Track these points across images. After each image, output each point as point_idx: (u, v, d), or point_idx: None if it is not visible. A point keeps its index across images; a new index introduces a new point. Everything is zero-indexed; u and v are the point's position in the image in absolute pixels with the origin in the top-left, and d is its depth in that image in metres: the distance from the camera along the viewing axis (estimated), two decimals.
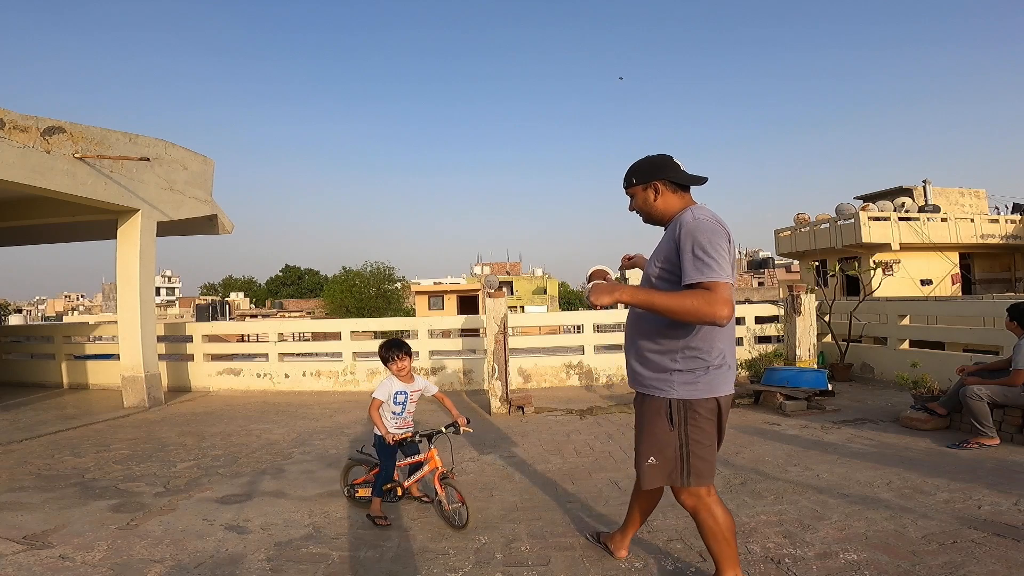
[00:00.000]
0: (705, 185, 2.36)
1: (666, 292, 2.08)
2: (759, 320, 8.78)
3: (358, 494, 3.54)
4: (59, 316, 62.44)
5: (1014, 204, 20.16)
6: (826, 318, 8.42)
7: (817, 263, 18.73)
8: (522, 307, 44.57)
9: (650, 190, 2.31)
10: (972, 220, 18.31)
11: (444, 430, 3.41)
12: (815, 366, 7.24)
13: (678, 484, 2.24)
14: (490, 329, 6.75)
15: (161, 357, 8.79)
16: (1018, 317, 4.59)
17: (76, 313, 67.87)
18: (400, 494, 3.44)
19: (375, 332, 12.32)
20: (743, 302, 9.74)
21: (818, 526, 3.04)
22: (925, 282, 17.59)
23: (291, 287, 76.90)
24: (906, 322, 7.83)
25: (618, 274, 2.56)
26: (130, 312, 7.85)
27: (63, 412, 7.57)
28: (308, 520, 3.46)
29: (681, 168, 2.30)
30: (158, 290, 67.94)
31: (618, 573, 2.65)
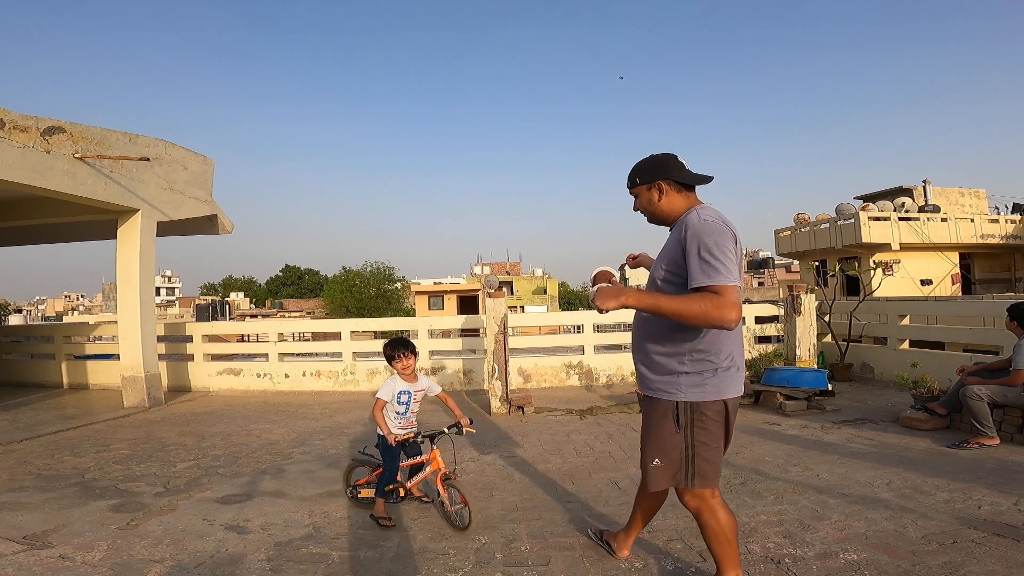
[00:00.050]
0: (707, 186, 2.33)
1: (673, 296, 2.04)
2: (759, 320, 8.78)
3: (361, 495, 3.52)
4: (59, 316, 62.44)
5: (1014, 204, 20.17)
6: (826, 318, 8.42)
7: (817, 263, 18.73)
8: (522, 307, 44.57)
9: (654, 190, 2.27)
10: (972, 220, 18.31)
11: (447, 431, 3.38)
12: (815, 366, 7.24)
13: (682, 486, 2.22)
14: (490, 329, 6.75)
15: (161, 357, 8.79)
16: (1018, 317, 4.59)
17: (76, 313, 67.88)
18: (403, 495, 3.41)
19: (375, 332, 12.32)
20: (743, 302, 9.73)
21: (818, 526, 3.04)
22: (925, 282, 17.59)
23: (291, 287, 76.90)
24: (906, 322, 7.83)
25: (618, 274, 2.53)
26: (130, 312, 7.85)
27: (63, 412, 7.57)
28: (308, 520, 3.46)
29: (686, 167, 2.26)
30: (158, 290, 67.96)
31: (618, 573, 2.65)
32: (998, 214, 19.69)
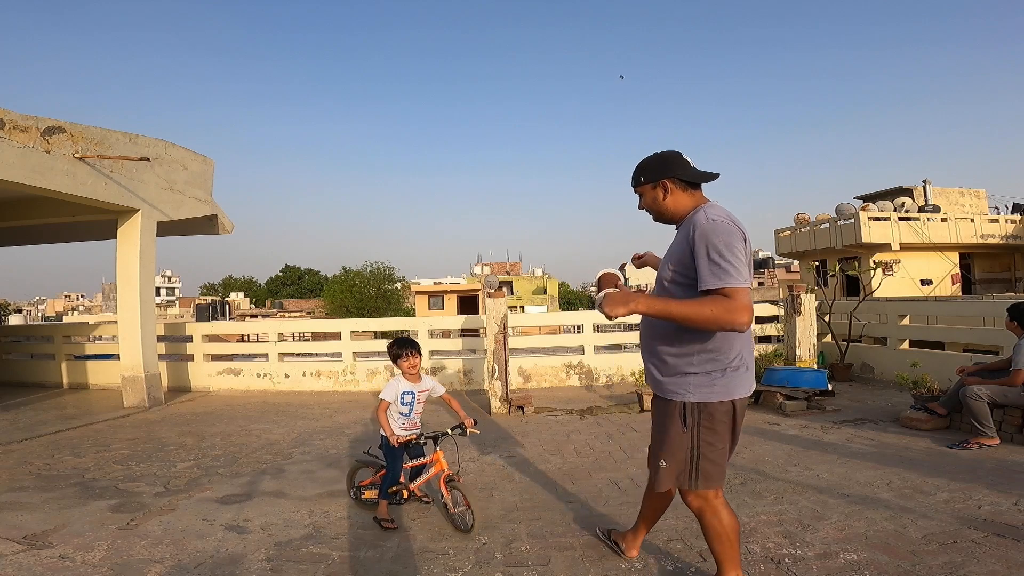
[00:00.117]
0: (706, 185, 2.30)
1: (683, 300, 2.01)
2: (759, 320, 8.77)
3: (364, 496, 3.49)
4: (59, 316, 62.43)
5: (1014, 204, 20.17)
6: (826, 318, 8.42)
7: (817, 263, 18.73)
8: (522, 307, 44.54)
9: (659, 189, 2.24)
10: (972, 220, 18.31)
11: (450, 432, 3.35)
12: (815, 366, 7.24)
13: (685, 486, 2.20)
14: (490, 329, 6.75)
15: (161, 357, 8.79)
16: (1018, 317, 4.59)
17: (76, 313, 67.85)
18: (406, 496, 3.37)
19: (375, 332, 12.32)
20: None
21: (818, 526, 3.04)
22: (925, 282, 17.59)
23: (291, 287, 76.87)
24: (906, 322, 7.83)
25: (619, 275, 2.49)
26: (130, 312, 7.85)
27: (63, 412, 7.57)
28: (308, 520, 3.46)
29: (691, 165, 2.23)
30: (158, 290, 67.95)
31: (618, 573, 2.65)
32: (998, 214, 19.69)
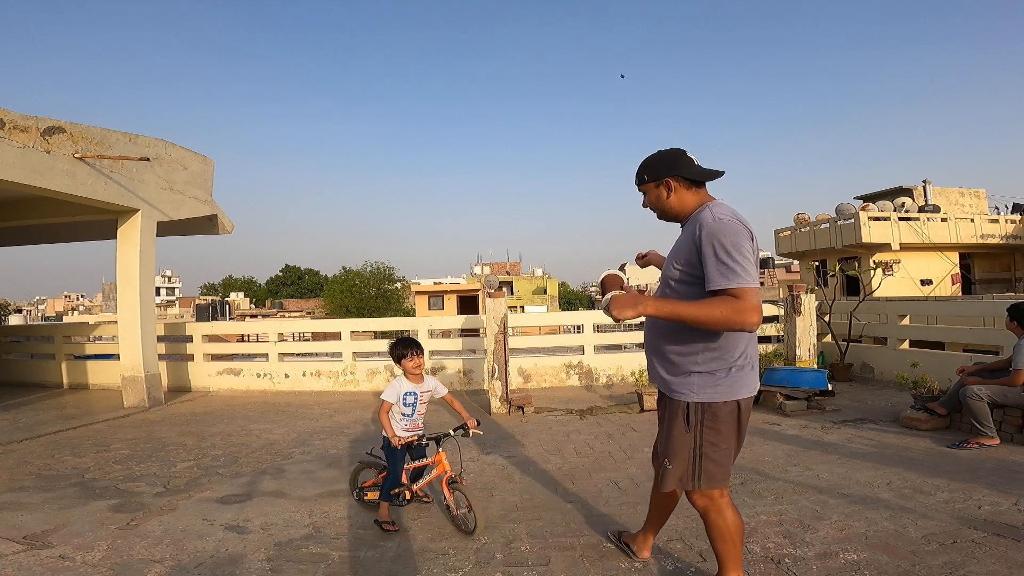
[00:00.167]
0: (708, 184, 2.29)
1: (692, 302, 1.99)
2: None
3: (367, 497, 3.46)
4: (59, 316, 62.42)
5: (1014, 204, 20.17)
6: (826, 318, 8.42)
7: (817, 263, 18.73)
8: (522, 307, 44.55)
9: (663, 187, 2.22)
10: (972, 220, 18.31)
11: (452, 433, 3.32)
12: (815, 366, 7.24)
13: (689, 487, 2.19)
14: (490, 329, 6.75)
15: (161, 357, 8.79)
16: (1018, 317, 4.59)
17: (76, 313, 67.83)
18: (408, 498, 3.34)
19: (375, 332, 12.33)
20: None
21: (818, 526, 3.04)
22: (925, 282, 17.59)
23: (291, 287, 76.86)
24: (906, 322, 7.83)
25: (621, 274, 2.47)
26: (130, 312, 7.85)
27: (63, 412, 7.57)
28: (308, 520, 3.46)
29: (695, 163, 2.20)
30: (158, 290, 67.95)
31: (618, 573, 2.65)
32: (998, 214, 19.69)
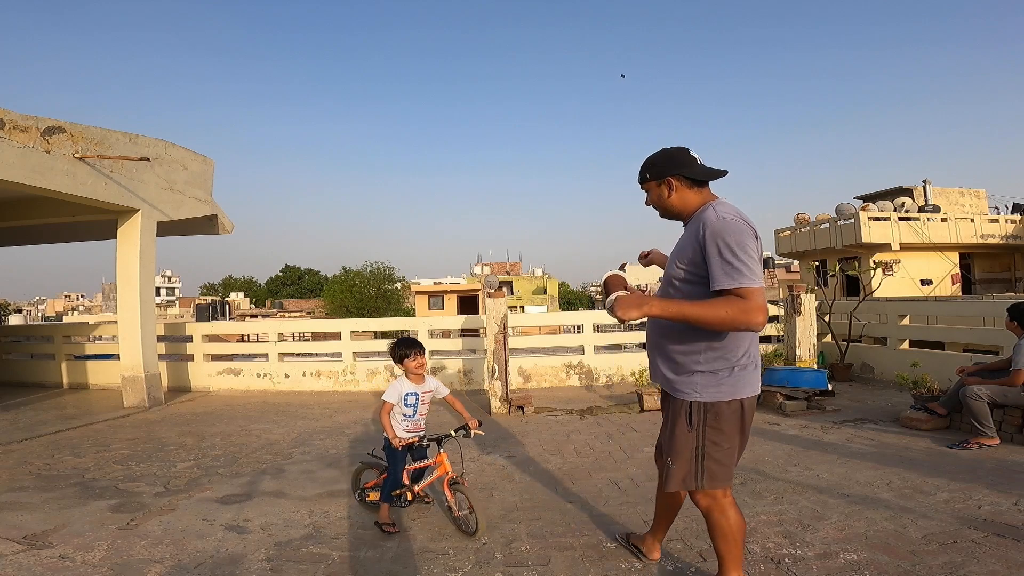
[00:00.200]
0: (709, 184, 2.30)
1: (697, 302, 1.98)
2: None
3: (369, 498, 3.43)
4: (59, 316, 62.41)
5: (1014, 204, 20.17)
6: (826, 318, 8.42)
7: (817, 263, 18.73)
8: (522, 307, 44.55)
9: (664, 186, 2.22)
10: (972, 220, 18.31)
11: (454, 434, 3.29)
12: (815, 366, 7.24)
13: (692, 487, 2.19)
14: (490, 329, 6.75)
15: (161, 357, 8.79)
16: (1018, 317, 4.59)
17: (76, 313, 67.83)
18: (410, 499, 3.31)
19: (375, 332, 12.33)
20: None
21: (818, 526, 3.04)
22: (925, 282, 17.59)
23: (291, 287, 76.87)
24: (906, 322, 7.83)
25: (621, 274, 2.47)
26: (130, 312, 7.85)
27: (63, 412, 7.57)
28: (308, 520, 3.46)
29: (697, 162, 2.19)
30: (158, 290, 67.94)
31: (618, 573, 2.65)
32: (998, 214, 19.69)
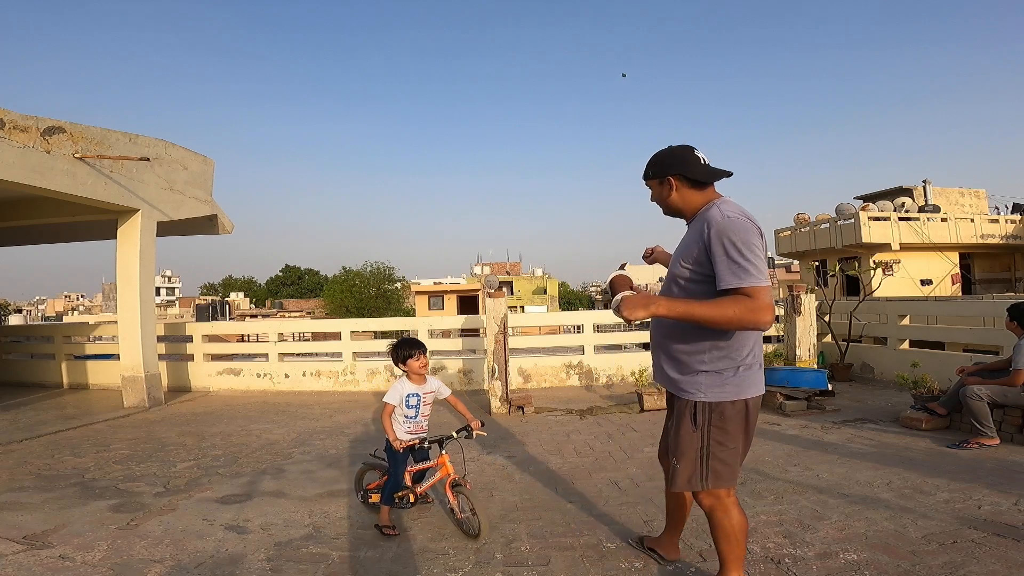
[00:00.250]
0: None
1: (704, 302, 1.98)
2: None
3: (372, 500, 3.40)
4: (59, 316, 62.39)
5: (1014, 204, 20.18)
6: (826, 318, 8.42)
7: (817, 263, 18.74)
8: (522, 307, 44.55)
9: (665, 185, 2.23)
10: (972, 220, 18.31)
11: (455, 435, 3.26)
12: (815, 366, 7.24)
13: (697, 488, 2.18)
14: (490, 329, 6.75)
15: (161, 357, 8.79)
16: (1018, 317, 4.58)
17: (76, 313, 67.80)
18: (413, 501, 3.27)
19: (375, 332, 12.33)
20: None
21: (818, 526, 3.04)
22: (925, 282, 17.59)
23: (291, 287, 76.88)
24: (906, 322, 7.83)
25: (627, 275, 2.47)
26: (130, 312, 7.85)
27: (63, 412, 7.57)
28: (308, 520, 3.46)
29: (700, 162, 2.18)
30: (158, 290, 67.93)
31: (618, 573, 2.65)
32: (998, 214, 19.69)
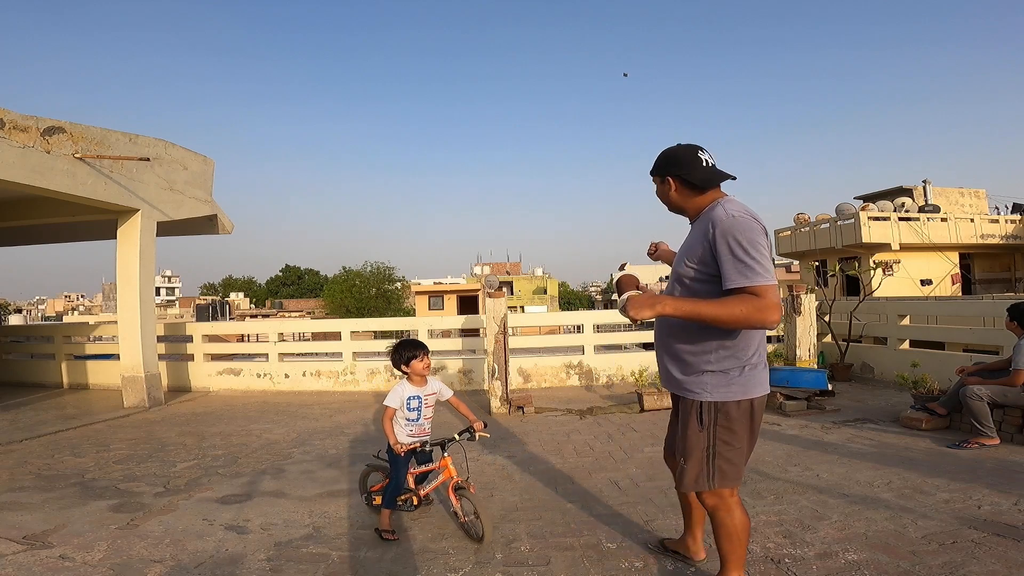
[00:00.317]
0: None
1: (710, 301, 1.97)
2: None
3: (375, 501, 3.35)
4: (59, 316, 62.42)
5: (1014, 204, 20.18)
6: (826, 318, 8.42)
7: (817, 263, 18.74)
8: (522, 307, 44.56)
9: (666, 184, 2.25)
10: (972, 220, 18.32)
11: (458, 437, 3.18)
12: (815, 366, 7.24)
13: (704, 488, 2.18)
14: (490, 329, 6.75)
15: (161, 357, 8.79)
16: (1018, 317, 4.59)
17: (76, 313, 67.83)
18: (416, 503, 3.23)
19: (375, 332, 12.33)
20: None
21: (818, 526, 3.04)
22: (925, 282, 17.59)
23: (291, 287, 76.90)
24: (906, 322, 7.83)
25: (619, 274, 2.47)
26: (130, 312, 7.85)
27: (63, 412, 7.57)
28: (308, 520, 3.46)
29: (702, 164, 2.16)
30: (158, 290, 67.94)
31: (618, 573, 2.65)
32: (998, 214, 19.70)
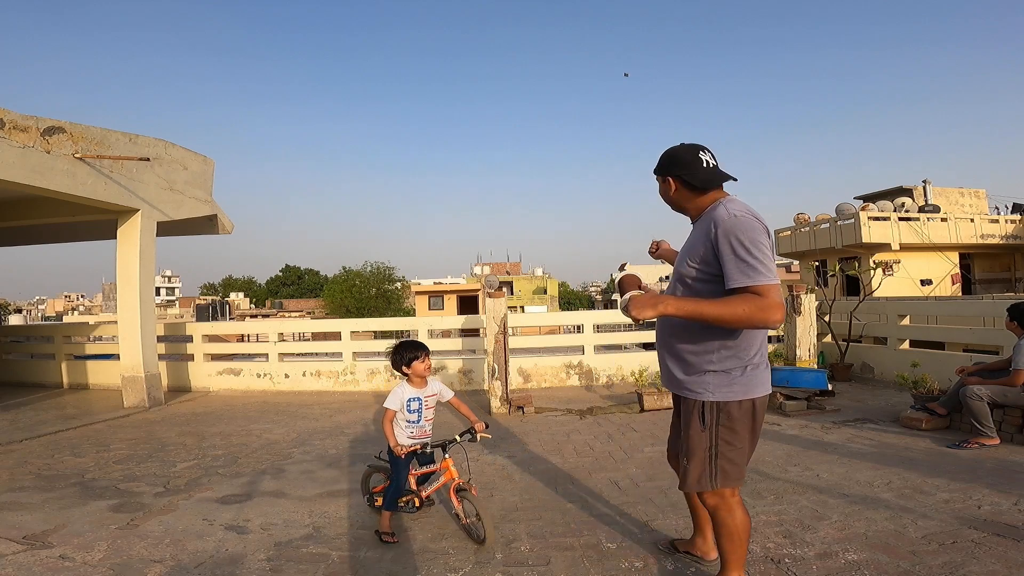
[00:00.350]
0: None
1: (713, 301, 1.97)
2: None
3: (377, 503, 3.34)
4: (59, 316, 62.43)
5: (1014, 204, 20.18)
6: (826, 318, 8.42)
7: (817, 263, 18.74)
8: (522, 307, 44.57)
9: (666, 183, 2.26)
10: (972, 220, 18.32)
11: (458, 439, 3.15)
12: (815, 366, 7.24)
13: (707, 487, 2.18)
14: (490, 329, 6.75)
15: (161, 357, 8.79)
16: (1018, 317, 4.59)
17: (76, 313, 67.84)
18: (418, 505, 3.21)
19: (375, 332, 12.33)
20: None
21: (818, 526, 3.04)
22: (925, 282, 17.59)
23: (291, 287, 76.91)
24: (906, 322, 7.83)
25: (619, 274, 2.47)
26: (130, 312, 7.85)
27: (63, 412, 7.57)
28: (308, 520, 3.46)
29: (703, 165, 2.16)
30: (158, 290, 67.95)
31: (618, 573, 2.65)
32: (998, 214, 19.70)
